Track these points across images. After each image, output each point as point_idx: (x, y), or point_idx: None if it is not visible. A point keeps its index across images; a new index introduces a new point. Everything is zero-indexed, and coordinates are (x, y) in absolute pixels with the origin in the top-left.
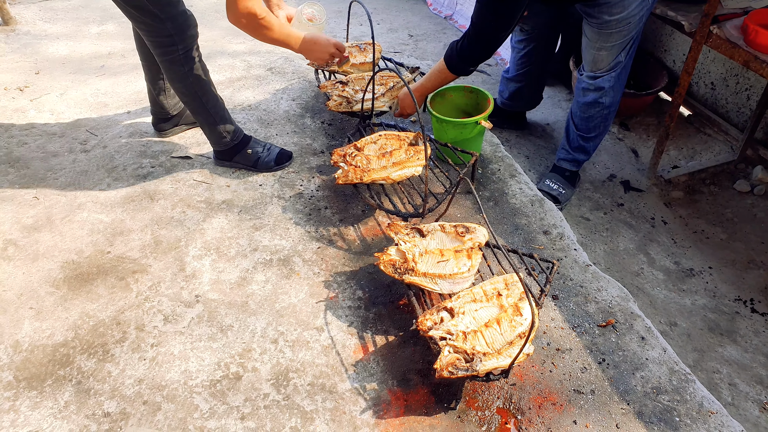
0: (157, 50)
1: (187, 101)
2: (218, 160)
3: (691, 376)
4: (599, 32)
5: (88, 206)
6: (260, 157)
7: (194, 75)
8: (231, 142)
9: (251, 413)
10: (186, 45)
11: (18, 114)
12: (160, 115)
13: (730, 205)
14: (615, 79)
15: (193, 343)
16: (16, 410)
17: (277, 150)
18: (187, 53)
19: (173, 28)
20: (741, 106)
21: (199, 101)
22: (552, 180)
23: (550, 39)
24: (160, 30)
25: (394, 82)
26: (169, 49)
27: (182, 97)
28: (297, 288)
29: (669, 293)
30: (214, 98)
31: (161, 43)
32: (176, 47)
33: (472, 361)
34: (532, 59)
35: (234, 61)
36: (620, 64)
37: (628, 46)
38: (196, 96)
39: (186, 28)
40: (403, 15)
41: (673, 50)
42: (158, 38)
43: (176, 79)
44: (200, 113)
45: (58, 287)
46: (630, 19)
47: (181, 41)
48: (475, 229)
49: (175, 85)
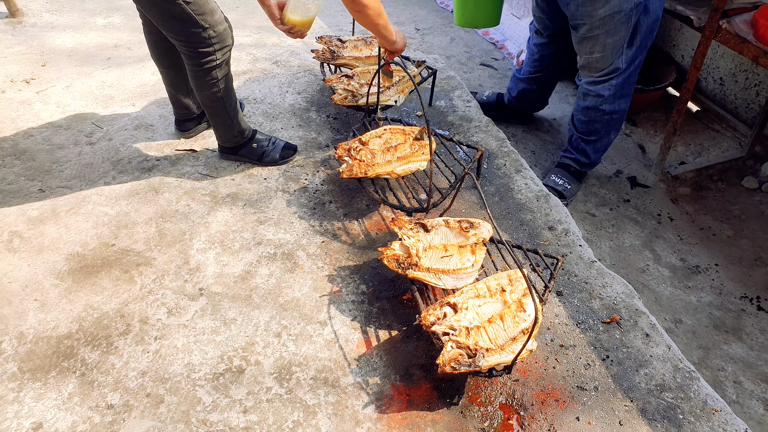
0: (195, 60)
1: (210, 104)
2: (223, 155)
3: (696, 374)
4: (581, 37)
5: (93, 199)
6: (265, 151)
7: (225, 80)
8: (241, 139)
9: (254, 407)
10: (225, 54)
11: (24, 106)
12: (185, 116)
13: (738, 201)
14: (616, 87)
15: (197, 336)
16: (20, 401)
17: (282, 143)
18: (225, 62)
19: (216, 38)
20: (750, 101)
21: (221, 104)
22: (558, 175)
23: (567, 48)
24: (202, 40)
25: (399, 76)
26: (208, 59)
27: (206, 100)
28: (301, 282)
29: (674, 290)
30: (234, 100)
31: (201, 53)
32: (215, 56)
33: (475, 357)
34: (546, 65)
35: (239, 54)
36: (619, 71)
37: (628, 53)
38: (220, 100)
39: (227, 37)
40: (410, 8)
41: (681, 45)
42: (199, 48)
43: (207, 86)
44: (220, 114)
45: (63, 279)
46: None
47: (220, 50)
48: (479, 225)
49: (203, 92)
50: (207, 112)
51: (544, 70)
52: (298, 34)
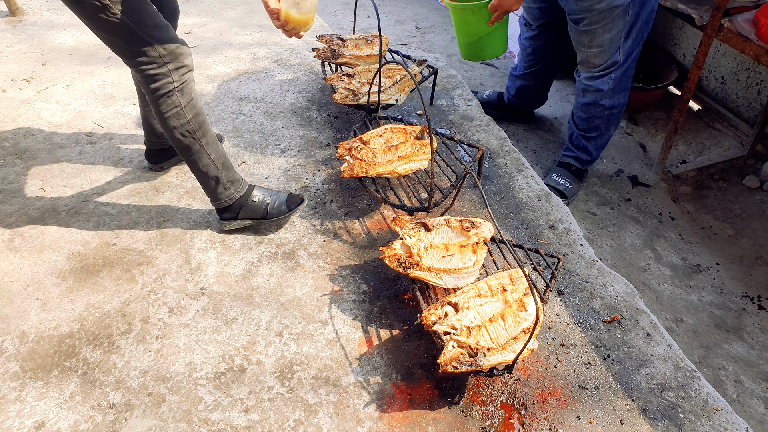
0: (147, 86)
1: (182, 145)
2: (225, 221)
3: (697, 373)
4: (580, 31)
5: (94, 198)
6: (268, 204)
7: (191, 109)
8: (235, 194)
9: (255, 406)
10: (183, 75)
11: (25, 105)
12: (156, 145)
13: (739, 201)
14: (615, 81)
15: (198, 335)
16: (22, 400)
17: (286, 194)
18: (185, 85)
19: (168, 56)
20: (752, 100)
21: (194, 141)
22: (559, 175)
23: (559, 38)
24: (151, 60)
25: (400, 75)
26: (162, 83)
27: (176, 141)
28: (302, 281)
29: (675, 289)
30: (212, 137)
31: (152, 76)
32: (170, 77)
33: (476, 356)
34: (540, 57)
35: (240, 53)
36: (617, 64)
37: (625, 46)
38: (191, 135)
39: (181, 56)
40: (411, 7)
41: (683, 44)
42: (149, 70)
43: (170, 118)
44: (197, 157)
45: (64, 279)
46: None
47: (175, 70)
48: (480, 224)
49: (169, 127)
50: (183, 158)
51: (539, 63)
52: (293, 32)
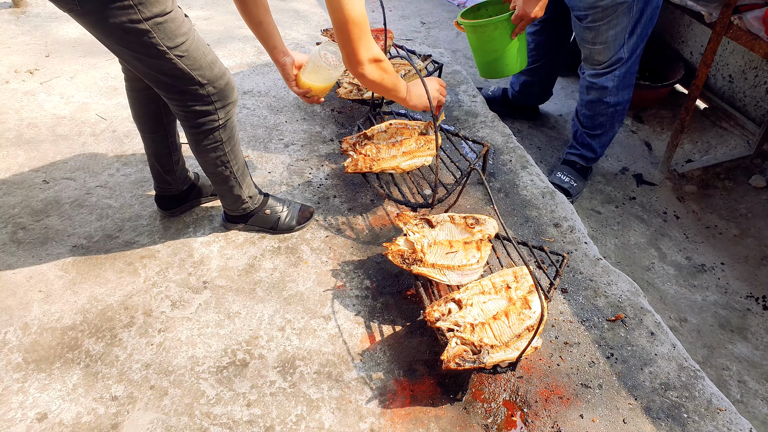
0: (192, 122)
1: (214, 171)
2: (229, 224)
3: (701, 373)
4: (584, 28)
5: (97, 191)
6: (280, 217)
7: (230, 143)
8: (251, 206)
9: (257, 400)
10: (227, 112)
11: (28, 97)
12: (167, 192)
13: (744, 200)
14: (619, 77)
15: (201, 329)
16: (25, 392)
17: (298, 206)
18: (228, 121)
19: (216, 95)
20: (759, 99)
21: (227, 170)
22: (563, 172)
23: (561, 32)
24: (199, 98)
25: (405, 70)
26: (207, 119)
27: (209, 167)
28: (305, 276)
29: (680, 289)
30: (242, 164)
31: (199, 113)
32: (216, 115)
33: (479, 353)
34: (543, 52)
35: (245, 46)
36: (622, 61)
37: (630, 42)
38: (225, 165)
39: (229, 93)
40: (416, 2)
41: (690, 41)
42: (196, 107)
43: (208, 150)
44: (225, 181)
45: (67, 271)
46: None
47: (222, 108)
48: (485, 221)
49: (204, 157)
50: (210, 179)
51: (542, 58)
52: (314, 99)
